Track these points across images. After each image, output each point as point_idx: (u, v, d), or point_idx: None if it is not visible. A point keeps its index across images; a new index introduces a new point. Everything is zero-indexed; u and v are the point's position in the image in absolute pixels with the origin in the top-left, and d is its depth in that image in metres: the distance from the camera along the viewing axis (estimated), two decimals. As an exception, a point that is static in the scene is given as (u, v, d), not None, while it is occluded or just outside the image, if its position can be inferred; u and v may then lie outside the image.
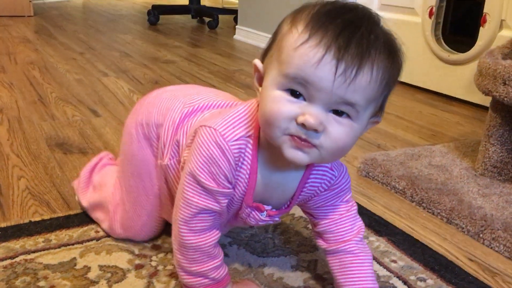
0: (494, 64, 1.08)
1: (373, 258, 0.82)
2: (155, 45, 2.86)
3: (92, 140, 1.34)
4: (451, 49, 1.93)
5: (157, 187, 0.80)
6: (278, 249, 0.86)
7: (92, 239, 0.86)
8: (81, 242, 0.85)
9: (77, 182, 0.96)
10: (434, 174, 1.17)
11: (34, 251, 0.81)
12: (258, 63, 0.61)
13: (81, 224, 0.90)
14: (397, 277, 0.81)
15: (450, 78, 1.93)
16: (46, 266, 0.78)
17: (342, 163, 0.71)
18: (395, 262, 0.85)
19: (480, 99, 1.80)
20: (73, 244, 0.84)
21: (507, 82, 1.04)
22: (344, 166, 0.72)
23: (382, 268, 0.82)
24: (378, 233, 0.94)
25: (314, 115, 0.54)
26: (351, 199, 0.73)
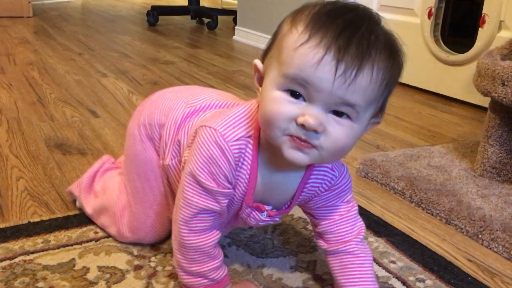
0: (493, 65, 1.08)
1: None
2: (154, 46, 2.86)
3: (91, 141, 1.34)
4: (450, 50, 1.93)
5: (163, 186, 0.79)
6: (277, 250, 0.86)
7: (91, 240, 0.86)
8: (80, 243, 0.85)
9: (77, 188, 0.94)
10: (433, 174, 1.17)
11: (33, 252, 0.81)
12: (258, 63, 0.61)
13: (80, 225, 0.90)
14: (396, 277, 0.81)
15: (449, 79, 1.93)
16: (45, 267, 0.78)
17: (343, 163, 0.71)
18: (394, 262, 0.85)
19: (479, 100, 1.80)
20: (72, 245, 0.84)
21: (506, 83, 1.04)
22: (345, 167, 0.71)
23: (381, 268, 0.82)
24: (377, 233, 0.94)
25: (314, 116, 0.54)
26: (352, 199, 0.73)
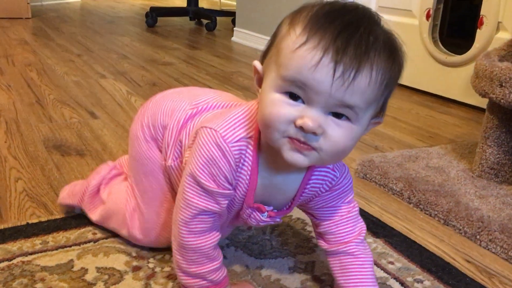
0: (490, 66, 1.09)
1: (371, 259, 0.82)
2: (153, 47, 2.86)
3: (90, 142, 1.34)
4: (448, 51, 1.94)
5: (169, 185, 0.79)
6: (276, 251, 0.86)
7: (89, 241, 0.86)
8: (79, 244, 0.85)
9: (76, 198, 0.91)
10: (432, 175, 1.17)
11: (31, 253, 0.81)
12: (258, 64, 0.61)
13: (78, 226, 0.90)
14: (394, 278, 0.81)
15: (447, 80, 1.94)
16: (43, 268, 0.78)
17: (344, 163, 0.71)
18: (392, 263, 0.85)
19: (477, 101, 1.80)
20: (70, 246, 0.84)
21: (503, 84, 1.04)
22: (346, 167, 0.71)
23: (379, 269, 0.83)
24: (375, 234, 0.94)
25: (313, 118, 0.54)
26: (353, 200, 0.73)
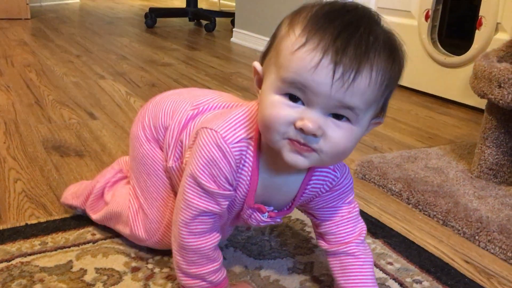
0: (489, 67, 1.09)
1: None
2: (152, 48, 2.86)
3: (89, 143, 1.34)
4: (447, 52, 1.94)
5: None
6: (275, 252, 0.86)
7: (88, 242, 0.86)
8: (78, 245, 0.85)
9: (79, 200, 0.91)
10: (430, 176, 1.17)
11: (30, 254, 0.81)
12: (258, 65, 0.61)
13: (77, 226, 0.90)
14: (393, 279, 0.81)
15: (446, 80, 1.94)
16: (42, 269, 0.78)
17: (344, 164, 0.71)
18: (391, 264, 0.85)
19: (476, 102, 1.80)
20: (69, 246, 0.84)
21: (502, 85, 1.04)
22: (347, 167, 0.71)
23: (378, 270, 0.83)
24: (374, 235, 0.94)
25: (313, 120, 0.53)
26: (354, 200, 0.73)
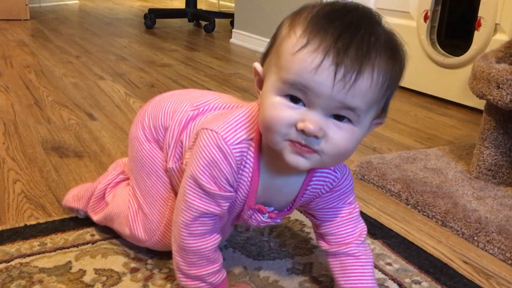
0: (488, 67, 1.09)
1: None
2: (152, 48, 2.86)
3: (88, 143, 1.34)
4: (446, 53, 1.94)
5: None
6: (274, 252, 0.87)
7: (87, 243, 0.86)
8: (77, 246, 0.85)
9: (80, 202, 0.90)
10: (429, 177, 1.17)
11: (29, 255, 0.81)
12: (258, 66, 0.61)
13: (76, 227, 0.90)
14: (392, 279, 0.81)
15: (445, 81, 1.94)
16: (42, 270, 0.78)
17: (345, 164, 0.70)
18: (390, 264, 0.85)
19: (475, 103, 1.81)
20: (68, 247, 0.84)
21: (500, 86, 1.04)
22: (347, 168, 0.71)
23: (377, 271, 0.83)
24: (373, 236, 0.94)
25: (314, 121, 0.53)
26: (354, 201, 0.73)
